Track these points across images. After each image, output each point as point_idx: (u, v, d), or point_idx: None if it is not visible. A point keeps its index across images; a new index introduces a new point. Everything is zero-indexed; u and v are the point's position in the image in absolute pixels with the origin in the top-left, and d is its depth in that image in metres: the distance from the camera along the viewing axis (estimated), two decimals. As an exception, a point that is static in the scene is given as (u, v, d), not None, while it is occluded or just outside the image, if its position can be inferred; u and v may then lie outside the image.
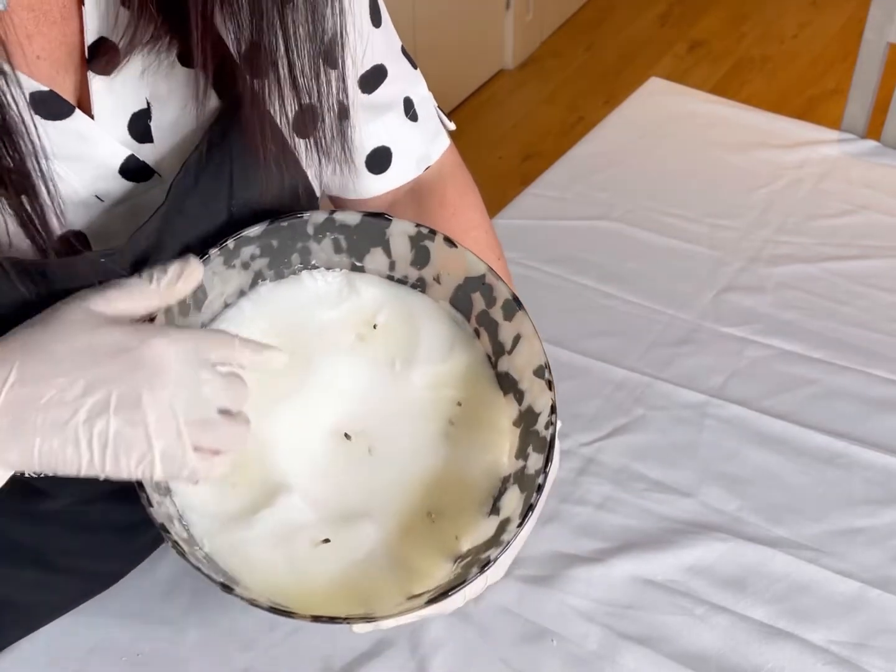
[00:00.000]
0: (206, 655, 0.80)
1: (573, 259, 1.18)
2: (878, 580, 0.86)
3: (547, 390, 0.66)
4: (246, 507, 0.64)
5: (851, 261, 1.18)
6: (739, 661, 0.80)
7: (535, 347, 0.67)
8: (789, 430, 0.98)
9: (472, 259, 0.69)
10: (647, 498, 0.92)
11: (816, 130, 1.38)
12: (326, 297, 0.70)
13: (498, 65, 2.81)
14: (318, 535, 0.64)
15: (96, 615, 0.82)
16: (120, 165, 0.63)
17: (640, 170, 1.33)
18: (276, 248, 0.68)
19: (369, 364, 0.69)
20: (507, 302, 0.68)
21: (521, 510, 0.64)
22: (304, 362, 0.68)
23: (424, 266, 0.70)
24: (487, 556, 0.62)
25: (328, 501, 0.66)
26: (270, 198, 0.68)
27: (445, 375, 0.70)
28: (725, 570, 0.86)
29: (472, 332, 0.71)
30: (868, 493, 0.93)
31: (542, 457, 0.64)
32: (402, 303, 0.71)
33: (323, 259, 0.70)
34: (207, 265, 0.63)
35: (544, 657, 0.80)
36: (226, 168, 0.65)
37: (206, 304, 0.66)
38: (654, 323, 1.11)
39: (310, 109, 0.69)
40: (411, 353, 0.69)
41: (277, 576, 0.62)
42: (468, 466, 0.68)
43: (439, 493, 0.67)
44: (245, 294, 0.68)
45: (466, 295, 0.70)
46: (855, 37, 1.44)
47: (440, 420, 0.69)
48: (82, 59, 0.61)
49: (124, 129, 0.63)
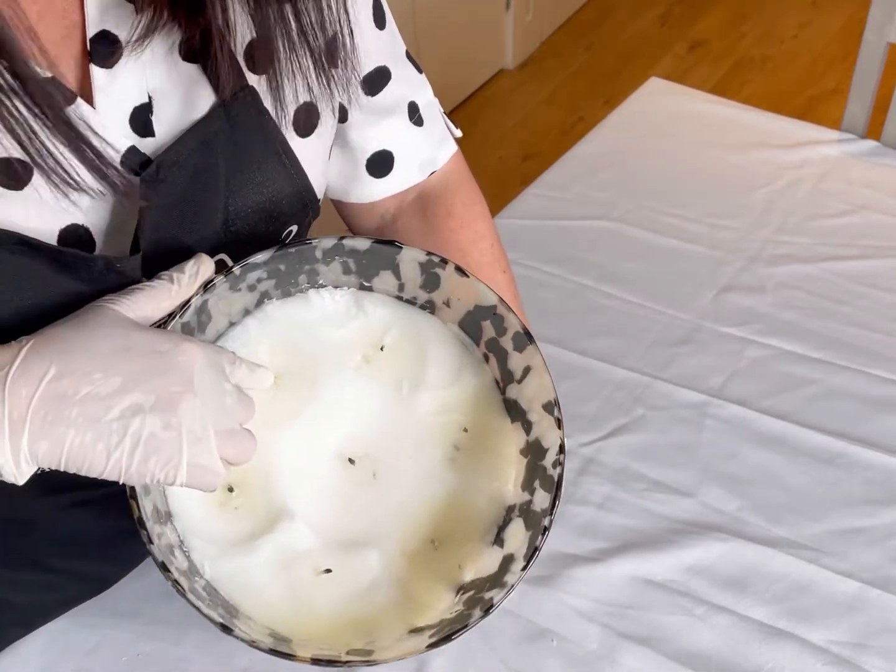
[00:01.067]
0: (206, 655, 0.80)
1: (573, 259, 1.18)
2: (878, 580, 0.86)
3: (556, 428, 0.65)
4: (247, 532, 0.63)
5: (851, 261, 1.18)
6: (739, 661, 0.80)
7: (544, 382, 0.66)
8: (789, 430, 0.98)
9: (483, 290, 0.67)
10: (647, 498, 0.92)
11: (816, 130, 1.38)
12: (334, 316, 0.68)
13: (498, 65, 2.81)
14: (321, 564, 0.64)
15: (96, 615, 0.82)
16: (120, 157, 0.63)
17: (640, 170, 1.33)
18: (284, 271, 0.67)
19: (376, 386, 0.68)
20: (517, 334, 0.67)
21: (525, 552, 0.63)
22: (310, 382, 0.67)
23: (434, 290, 0.69)
24: (490, 599, 0.61)
25: (331, 527, 0.65)
26: (268, 194, 0.68)
27: (452, 400, 0.68)
28: (725, 570, 0.86)
29: (482, 357, 0.70)
30: (868, 493, 0.93)
31: (550, 497, 0.64)
32: (410, 323, 0.69)
33: (331, 279, 0.68)
34: (212, 293, 0.63)
35: (544, 657, 0.80)
36: (221, 163, 0.65)
37: (209, 326, 0.65)
38: (654, 323, 1.11)
39: (310, 108, 0.69)
40: (419, 375, 0.68)
41: (278, 604, 0.62)
42: (473, 493, 0.67)
43: (443, 520, 0.66)
44: (251, 313, 0.67)
45: (476, 321, 0.69)
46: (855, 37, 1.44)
47: (446, 445, 0.68)
48: (84, 53, 0.62)
49: (126, 123, 0.63)
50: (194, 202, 0.65)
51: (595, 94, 2.69)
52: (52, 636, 0.81)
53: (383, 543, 0.65)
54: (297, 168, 0.69)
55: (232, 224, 0.67)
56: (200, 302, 0.63)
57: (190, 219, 0.65)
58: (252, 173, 0.67)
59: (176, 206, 0.64)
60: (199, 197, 0.65)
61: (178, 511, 0.62)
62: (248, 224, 0.68)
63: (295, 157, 0.69)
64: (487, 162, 2.48)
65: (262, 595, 0.62)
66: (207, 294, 0.63)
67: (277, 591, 0.62)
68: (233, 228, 0.67)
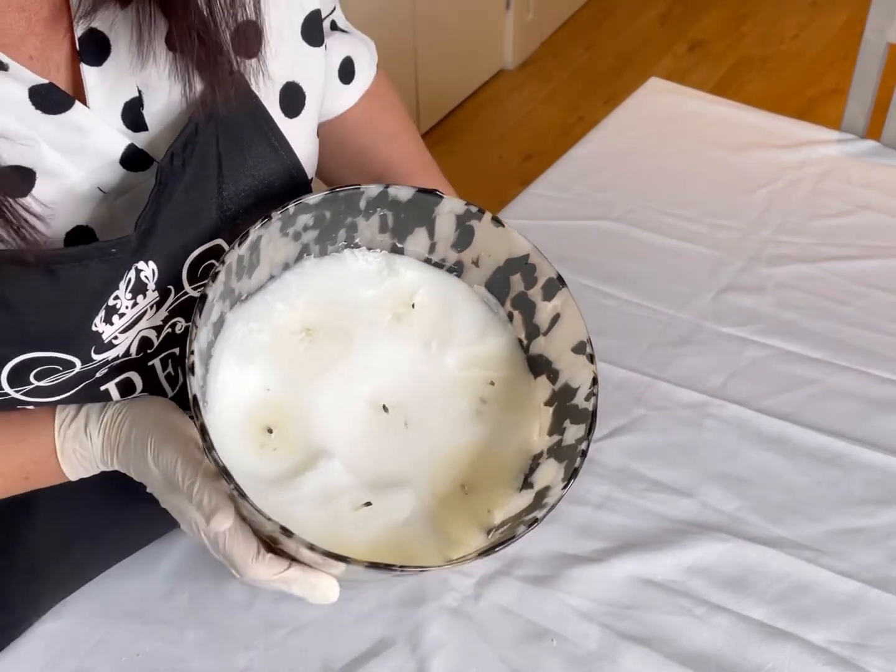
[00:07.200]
0: (206, 655, 0.80)
1: (573, 259, 1.18)
2: (878, 580, 0.86)
3: (588, 364, 0.68)
4: (287, 470, 0.65)
5: (851, 261, 1.18)
6: (739, 661, 0.80)
7: (575, 325, 0.69)
8: (789, 430, 0.98)
9: (517, 239, 0.70)
10: (646, 498, 0.92)
11: (816, 130, 1.38)
12: (367, 275, 0.72)
13: (498, 65, 2.81)
14: (360, 499, 0.66)
15: (96, 615, 0.82)
16: (120, 155, 0.64)
17: (640, 170, 1.33)
18: (328, 221, 0.69)
19: (406, 342, 0.71)
20: (548, 281, 0.70)
21: (563, 475, 0.65)
22: (343, 337, 0.70)
23: (465, 248, 0.72)
24: (533, 517, 0.63)
25: (367, 468, 0.67)
26: (259, 177, 0.69)
27: (478, 357, 0.72)
28: (725, 570, 0.86)
29: (506, 317, 0.73)
30: (868, 493, 0.93)
31: (584, 426, 0.66)
32: (438, 285, 0.73)
33: (367, 237, 0.72)
34: (267, 228, 0.65)
35: (544, 657, 0.80)
36: (213, 150, 0.66)
37: (255, 271, 0.68)
38: (654, 323, 1.11)
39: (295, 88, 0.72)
40: (446, 334, 0.72)
41: (321, 536, 0.63)
42: (499, 444, 0.70)
43: (472, 468, 0.69)
44: (289, 268, 0.70)
45: (505, 278, 0.72)
46: (855, 37, 1.44)
47: (472, 398, 0.71)
48: (73, 53, 0.62)
49: (118, 119, 0.64)
50: (192, 189, 0.65)
51: (595, 94, 2.69)
52: (52, 636, 0.81)
53: (417, 485, 0.67)
54: (286, 149, 0.71)
55: (227, 209, 0.68)
56: (256, 236, 0.65)
57: (184, 206, 0.65)
58: (243, 157, 0.68)
59: (171, 194, 0.64)
60: (197, 184, 0.65)
61: (219, 446, 0.62)
62: (242, 208, 0.69)
63: (284, 138, 0.70)
64: (487, 162, 2.48)
65: (306, 527, 0.63)
66: (262, 229, 0.65)
67: (320, 523, 0.64)
68: (228, 213, 0.68)
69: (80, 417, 0.68)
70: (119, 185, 0.64)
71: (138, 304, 0.66)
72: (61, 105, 0.60)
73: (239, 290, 0.67)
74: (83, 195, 0.63)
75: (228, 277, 0.64)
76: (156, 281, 0.66)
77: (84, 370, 0.65)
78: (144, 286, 0.65)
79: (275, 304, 0.69)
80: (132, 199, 0.65)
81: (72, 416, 0.68)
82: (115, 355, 0.67)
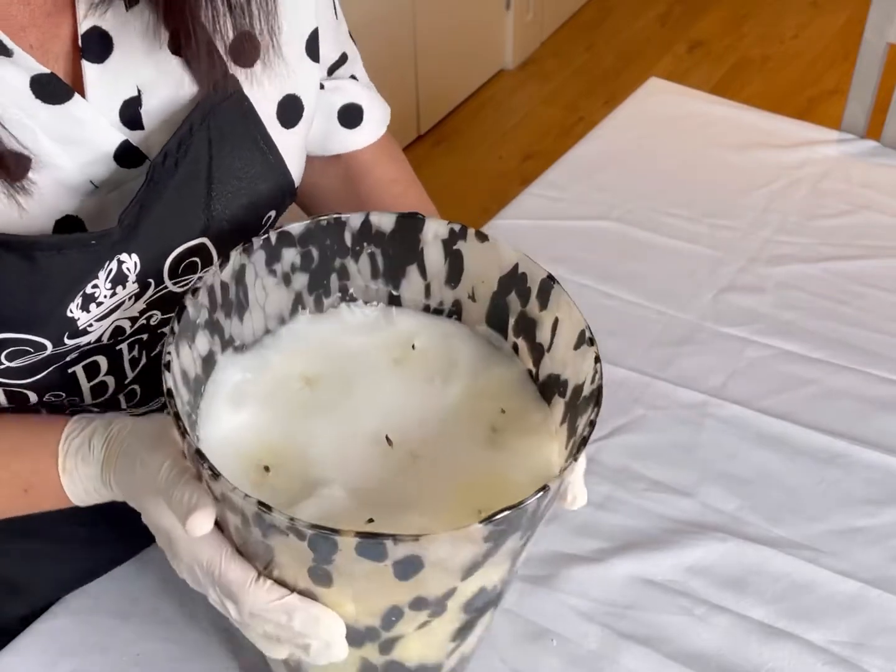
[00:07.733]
0: (206, 655, 0.80)
1: (573, 259, 1.18)
2: (878, 580, 0.86)
3: (589, 348, 0.65)
4: (286, 501, 0.62)
5: (851, 261, 1.18)
6: (739, 661, 0.80)
7: (574, 316, 0.66)
8: (789, 430, 0.98)
9: (503, 249, 0.69)
10: (646, 498, 0.92)
11: (816, 130, 1.38)
12: (365, 326, 0.72)
13: (498, 65, 2.81)
14: (362, 517, 0.62)
15: (96, 615, 0.82)
16: (115, 150, 0.64)
17: (640, 170, 1.33)
18: (317, 262, 0.69)
19: (408, 381, 0.70)
20: (541, 284, 0.67)
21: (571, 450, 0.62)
22: (345, 382, 0.69)
23: (458, 283, 0.71)
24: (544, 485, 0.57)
25: (372, 497, 0.64)
26: (247, 180, 0.70)
27: (485, 389, 0.70)
28: (725, 570, 0.86)
29: (511, 350, 0.71)
30: (868, 493, 0.93)
31: (592, 403, 0.63)
32: (438, 329, 0.72)
33: (360, 286, 0.71)
34: (250, 257, 0.65)
35: (544, 657, 0.80)
36: (205, 151, 0.67)
37: (246, 315, 0.67)
38: (654, 323, 1.11)
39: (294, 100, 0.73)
40: (449, 369, 0.70)
41: None
42: (515, 471, 0.67)
43: (488, 493, 0.66)
44: (286, 323, 0.70)
45: (502, 302, 0.70)
46: (855, 37, 1.44)
47: (484, 427, 0.68)
48: (75, 48, 0.63)
49: (116, 116, 0.65)
50: (182, 187, 0.66)
51: (595, 94, 2.69)
52: (52, 636, 0.81)
53: (425, 508, 0.64)
54: (275, 153, 0.71)
55: (214, 208, 0.69)
56: (239, 265, 0.64)
57: (172, 206, 0.66)
58: (233, 159, 0.69)
59: (160, 193, 0.65)
60: (187, 182, 0.66)
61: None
62: (228, 209, 0.70)
63: (274, 145, 0.71)
64: (487, 162, 2.48)
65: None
66: (245, 257, 0.64)
67: None
68: (214, 213, 0.69)
69: (87, 430, 0.67)
70: (111, 180, 0.65)
71: (117, 294, 0.66)
72: (61, 96, 0.61)
73: (230, 332, 0.66)
74: (75, 186, 0.64)
75: (213, 304, 0.63)
76: (137, 273, 0.66)
77: (54, 353, 0.66)
78: (125, 277, 0.66)
79: (272, 358, 0.68)
80: (123, 193, 0.66)
81: (80, 427, 0.67)
82: (88, 342, 0.68)
